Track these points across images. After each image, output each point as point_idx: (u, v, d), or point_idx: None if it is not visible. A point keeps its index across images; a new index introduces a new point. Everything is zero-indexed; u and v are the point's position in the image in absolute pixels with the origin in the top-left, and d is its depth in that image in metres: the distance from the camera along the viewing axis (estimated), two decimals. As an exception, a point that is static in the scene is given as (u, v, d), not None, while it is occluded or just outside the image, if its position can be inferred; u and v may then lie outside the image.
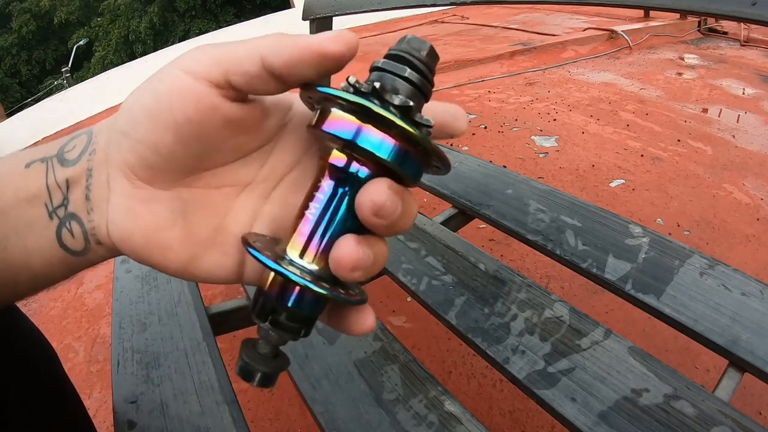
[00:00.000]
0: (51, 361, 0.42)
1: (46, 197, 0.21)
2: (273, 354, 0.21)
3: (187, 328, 0.56)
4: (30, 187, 0.21)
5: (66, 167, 0.21)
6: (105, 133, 0.22)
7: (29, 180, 0.21)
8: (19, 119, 4.89)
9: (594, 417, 0.42)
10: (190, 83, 0.19)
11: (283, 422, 0.90)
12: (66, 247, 0.21)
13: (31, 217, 0.21)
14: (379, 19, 4.93)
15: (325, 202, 0.20)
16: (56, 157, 0.22)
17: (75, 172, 0.21)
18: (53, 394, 0.41)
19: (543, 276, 1.16)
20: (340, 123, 0.19)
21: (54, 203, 0.21)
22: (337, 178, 0.20)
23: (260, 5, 15.36)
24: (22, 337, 0.39)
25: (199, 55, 0.20)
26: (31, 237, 0.21)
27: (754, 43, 2.80)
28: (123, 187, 0.21)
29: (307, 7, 1.04)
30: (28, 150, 0.23)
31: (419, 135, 0.18)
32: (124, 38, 16.24)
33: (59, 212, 0.21)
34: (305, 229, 0.20)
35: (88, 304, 1.33)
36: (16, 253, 0.21)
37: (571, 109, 2.12)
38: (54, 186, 0.21)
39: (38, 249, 0.21)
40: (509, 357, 0.49)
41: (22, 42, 17.43)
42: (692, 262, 0.55)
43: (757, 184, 1.46)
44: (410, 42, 0.20)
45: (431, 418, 0.44)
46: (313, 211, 0.20)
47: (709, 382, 0.84)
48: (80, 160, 0.21)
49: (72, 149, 0.22)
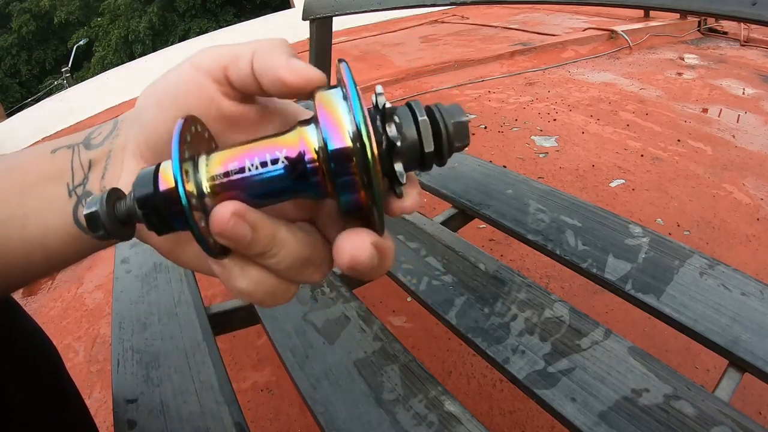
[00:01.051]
0: (52, 361, 0.42)
1: (69, 176, 0.23)
2: (124, 220, 0.19)
3: (187, 328, 0.56)
4: (55, 167, 0.23)
5: (90, 150, 0.23)
6: (128, 120, 0.23)
7: (54, 163, 0.23)
8: (19, 119, 4.89)
9: (594, 417, 0.42)
10: (195, 76, 0.20)
11: (283, 422, 0.90)
12: (80, 224, 0.22)
13: (52, 195, 0.22)
14: (379, 19, 4.93)
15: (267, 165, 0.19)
16: (83, 143, 0.24)
17: (97, 154, 0.23)
18: (54, 393, 0.41)
19: (543, 276, 1.16)
20: (335, 128, 0.18)
21: (75, 182, 0.23)
22: (295, 161, 0.19)
23: (260, 5, 15.36)
24: (23, 337, 0.39)
25: (209, 52, 0.21)
26: (50, 214, 0.22)
27: (754, 43, 2.80)
28: (133, 167, 0.22)
29: (307, 7, 1.04)
30: (54, 140, 0.24)
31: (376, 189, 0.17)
32: (124, 38, 16.24)
33: (78, 190, 0.23)
34: (231, 164, 0.19)
35: (88, 304, 1.33)
36: (34, 231, 0.22)
37: (571, 109, 2.12)
38: (78, 166, 0.23)
39: (54, 227, 0.22)
40: (509, 357, 0.49)
41: (22, 42, 17.44)
42: (692, 262, 0.55)
43: (757, 184, 1.46)
44: (450, 107, 0.20)
45: (431, 418, 0.44)
46: (252, 160, 0.19)
47: (709, 382, 0.84)
48: (104, 143, 0.23)
49: (98, 135, 0.24)
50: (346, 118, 0.18)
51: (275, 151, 0.19)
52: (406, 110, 0.19)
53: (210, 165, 0.19)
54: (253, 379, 1.00)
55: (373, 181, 0.17)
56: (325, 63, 1.11)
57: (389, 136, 0.18)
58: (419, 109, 0.19)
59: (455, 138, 0.19)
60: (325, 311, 0.58)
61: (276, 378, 0.99)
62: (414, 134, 0.19)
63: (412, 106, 0.19)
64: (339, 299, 0.59)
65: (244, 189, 0.19)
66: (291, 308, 0.58)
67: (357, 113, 0.17)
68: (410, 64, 3.11)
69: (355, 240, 0.18)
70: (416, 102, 0.19)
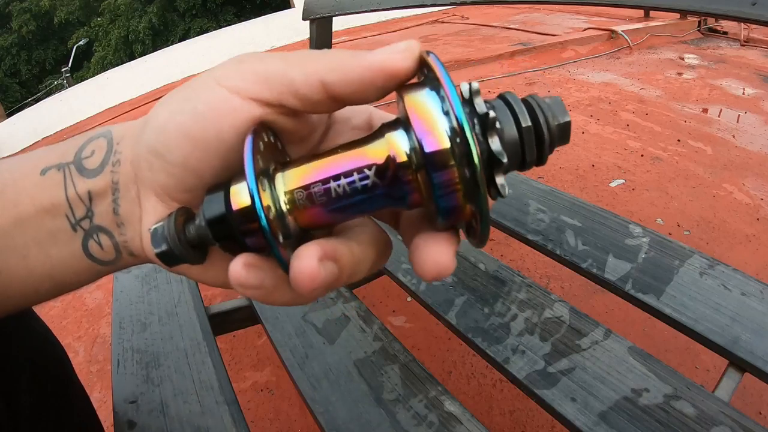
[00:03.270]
0: (61, 362, 0.42)
1: (66, 209, 0.20)
2: (194, 243, 0.18)
3: (187, 328, 0.56)
4: (48, 197, 0.20)
5: (87, 177, 0.20)
6: (129, 143, 0.20)
7: (46, 189, 0.20)
8: (19, 119, 4.89)
9: (594, 417, 0.42)
10: (239, 103, 0.17)
11: (283, 422, 0.90)
12: (94, 257, 0.21)
13: (53, 229, 0.20)
14: (379, 19, 4.93)
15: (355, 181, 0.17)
16: (74, 164, 0.20)
17: (97, 184, 0.20)
18: (63, 395, 0.41)
19: (543, 276, 1.16)
20: (430, 132, 0.16)
21: (77, 216, 0.20)
22: (385, 172, 0.17)
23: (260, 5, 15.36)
24: (33, 338, 0.39)
25: (243, 71, 0.18)
26: (55, 248, 0.20)
27: (754, 43, 2.80)
28: (156, 207, 0.20)
29: (307, 7, 1.04)
30: (41, 151, 0.21)
31: (483, 204, 0.16)
32: (124, 38, 16.23)
33: (83, 224, 0.20)
34: (312, 178, 0.17)
35: (88, 304, 1.33)
36: (38, 263, 0.20)
37: (571, 109, 2.12)
38: (75, 198, 0.20)
39: (62, 260, 0.21)
40: (509, 357, 0.49)
41: (22, 42, 17.44)
42: (692, 262, 0.55)
43: (757, 184, 1.46)
44: (552, 102, 0.18)
45: (431, 418, 0.44)
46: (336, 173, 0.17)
47: (709, 382, 0.84)
48: (103, 170, 0.20)
49: (90, 155, 0.20)
50: (442, 119, 0.16)
51: (361, 161, 0.17)
52: (506, 111, 0.17)
53: (288, 180, 0.17)
54: (253, 379, 1.00)
55: (480, 188, 0.15)
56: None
57: (493, 150, 0.16)
58: (521, 111, 0.17)
59: (558, 140, 0.18)
60: (325, 311, 0.58)
61: (276, 378, 0.99)
62: (516, 138, 0.17)
63: (513, 106, 0.17)
64: (339, 299, 0.59)
65: (327, 204, 0.17)
66: (291, 308, 0.58)
67: (458, 111, 0.15)
68: (410, 64, 3.10)
69: (442, 253, 0.17)
70: (514, 98, 0.17)
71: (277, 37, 4.89)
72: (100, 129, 0.21)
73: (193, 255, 0.18)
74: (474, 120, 0.16)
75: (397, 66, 0.17)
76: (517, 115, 0.17)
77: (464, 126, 0.15)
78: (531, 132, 0.17)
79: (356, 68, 0.17)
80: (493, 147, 0.16)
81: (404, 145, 0.17)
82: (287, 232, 0.17)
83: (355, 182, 0.17)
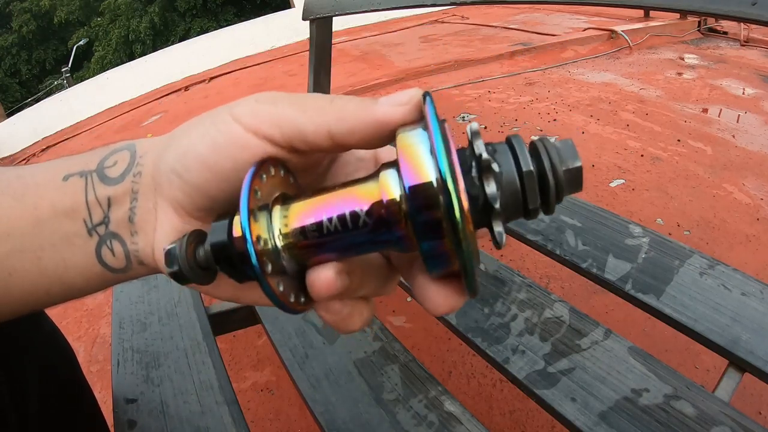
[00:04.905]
0: (69, 361, 0.43)
1: (85, 213, 0.21)
2: (203, 266, 0.19)
3: (187, 328, 0.56)
4: (68, 201, 0.21)
5: (107, 185, 0.21)
6: (152, 158, 0.21)
7: (67, 194, 0.21)
8: (19, 119, 4.90)
9: (594, 417, 0.42)
10: (253, 141, 0.19)
11: (283, 422, 0.90)
12: (105, 263, 0.22)
13: (69, 232, 0.21)
14: (379, 19, 4.93)
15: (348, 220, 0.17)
16: (96, 172, 0.21)
17: (117, 191, 0.21)
18: (71, 394, 0.41)
19: (543, 276, 1.16)
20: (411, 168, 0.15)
21: (94, 220, 0.21)
22: (375, 215, 0.17)
23: (260, 5, 15.36)
24: (42, 338, 0.40)
25: (259, 112, 0.19)
26: (69, 251, 0.21)
27: (754, 43, 2.80)
28: (172, 219, 0.21)
29: (307, 7, 1.04)
30: (64, 160, 0.22)
31: (465, 253, 0.15)
32: (124, 38, 16.25)
33: (99, 229, 0.21)
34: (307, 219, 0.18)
35: (88, 304, 1.33)
36: (51, 265, 0.21)
37: (571, 109, 2.12)
38: (94, 203, 0.21)
39: (75, 263, 0.21)
40: (509, 357, 0.49)
41: (22, 42, 17.45)
42: (692, 262, 0.55)
43: (757, 184, 1.46)
44: (562, 146, 0.17)
45: (431, 418, 0.44)
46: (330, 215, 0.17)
47: (709, 382, 0.84)
48: (123, 179, 0.21)
49: (113, 165, 0.22)
50: (429, 162, 0.15)
51: (355, 203, 0.17)
52: (508, 155, 0.16)
53: (285, 214, 0.18)
54: (253, 379, 1.00)
55: (460, 230, 0.15)
56: (324, 63, 1.11)
57: (487, 193, 0.15)
58: (523, 154, 0.16)
59: (567, 187, 0.17)
60: (325, 311, 0.58)
61: (276, 378, 0.99)
62: (516, 185, 0.16)
63: (515, 149, 0.16)
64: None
65: (321, 241, 0.17)
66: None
67: (440, 156, 0.14)
68: (410, 64, 3.11)
69: (451, 299, 0.19)
70: (519, 141, 0.16)
71: (277, 37, 4.88)
72: (123, 142, 0.23)
73: (201, 276, 0.19)
74: (472, 163, 0.16)
75: (399, 120, 0.18)
76: (519, 158, 0.16)
77: (441, 163, 0.14)
78: (533, 177, 0.16)
79: (362, 122, 0.18)
80: (488, 191, 0.15)
81: (394, 185, 0.17)
82: (279, 263, 0.18)
83: (347, 222, 0.17)
